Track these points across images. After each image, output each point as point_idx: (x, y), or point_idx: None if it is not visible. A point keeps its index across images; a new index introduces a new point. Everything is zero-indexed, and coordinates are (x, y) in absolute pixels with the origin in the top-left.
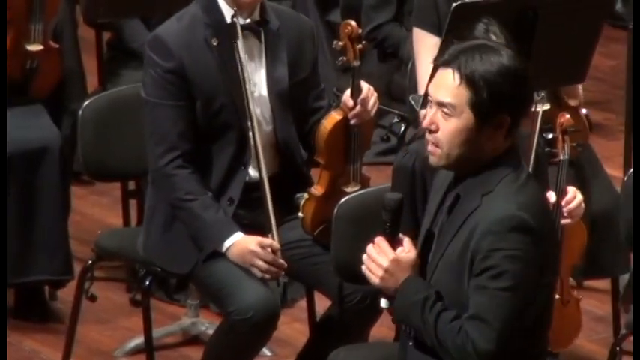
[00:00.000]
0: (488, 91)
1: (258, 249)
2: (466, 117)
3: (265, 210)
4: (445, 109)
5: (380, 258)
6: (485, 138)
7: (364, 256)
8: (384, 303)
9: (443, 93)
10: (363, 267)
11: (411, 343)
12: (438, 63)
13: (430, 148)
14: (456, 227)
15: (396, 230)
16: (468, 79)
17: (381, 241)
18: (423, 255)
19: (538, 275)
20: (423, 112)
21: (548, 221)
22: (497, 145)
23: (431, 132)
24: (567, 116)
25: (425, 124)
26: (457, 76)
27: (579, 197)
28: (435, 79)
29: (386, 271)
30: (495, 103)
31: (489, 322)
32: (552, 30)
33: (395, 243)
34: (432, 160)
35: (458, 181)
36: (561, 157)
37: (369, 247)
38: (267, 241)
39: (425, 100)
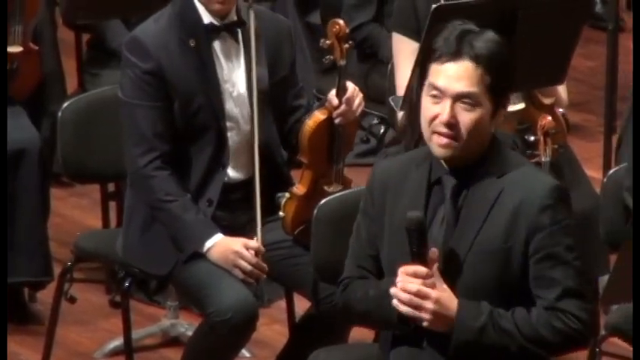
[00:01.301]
0: (502, 69)
1: (243, 250)
2: (486, 104)
3: (254, 212)
4: (465, 100)
5: (424, 296)
6: (496, 120)
7: (401, 293)
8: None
9: (463, 84)
10: (404, 308)
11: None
12: (442, 55)
13: (444, 141)
14: (483, 215)
15: (424, 250)
16: (489, 64)
17: (413, 273)
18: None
19: None
20: (400, 114)
21: None
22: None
23: (449, 126)
24: (549, 118)
25: (446, 119)
26: (475, 64)
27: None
28: (446, 73)
29: (433, 314)
30: (507, 81)
31: (582, 292)
32: (532, 31)
33: (426, 264)
34: (445, 152)
35: (446, 170)
36: (543, 159)
37: (406, 284)
38: (253, 243)
39: (404, 102)
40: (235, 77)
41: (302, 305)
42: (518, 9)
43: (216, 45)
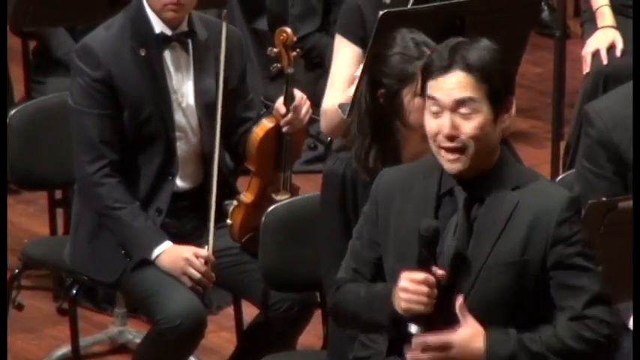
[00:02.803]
0: (499, 76)
1: (192, 258)
2: (485, 110)
3: (207, 221)
4: (464, 109)
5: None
6: (499, 126)
7: (421, 356)
8: (414, 329)
9: (459, 92)
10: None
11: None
12: (435, 70)
13: (452, 156)
14: (499, 228)
15: (431, 259)
16: (482, 72)
17: (424, 280)
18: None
19: None
20: (337, 118)
21: None
22: (500, 132)
23: (452, 138)
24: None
25: (448, 132)
26: (467, 73)
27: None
28: (441, 86)
29: (458, 356)
30: (505, 86)
31: (609, 298)
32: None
33: (429, 271)
34: (456, 167)
35: (456, 181)
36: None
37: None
38: (203, 252)
39: (352, 109)
40: (184, 88)
41: (250, 312)
42: (466, 15)
43: (167, 55)
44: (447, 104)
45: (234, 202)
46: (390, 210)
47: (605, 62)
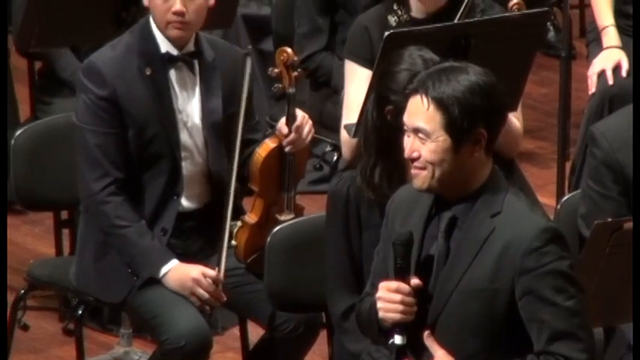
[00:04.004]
0: (460, 109)
1: (201, 278)
2: (442, 139)
3: (220, 242)
4: (420, 134)
5: None
6: (466, 155)
7: None
8: (398, 340)
9: (416, 119)
10: None
11: None
12: (407, 91)
13: (414, 171)
14: (473, 253)
15: (408, 269)
16: (437, 102)
17: (395, 289)
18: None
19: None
20: (353, 140)
21: None
22: (481, 160)
23: (414, 160)
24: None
25: (407, 154)
26: (426, 100)
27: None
28: (408, 108)
29: None
30: (469, 120)
31: (575, 334)
32: (485, 58)
33: (405, 280)
34: (416, 183)
35: (446, 204)
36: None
37: None
38: (211, 272)
39: (358, 127)
40: (190, 108)
41: (256, 332)
42: (471, 36)
43: (172, 75)
44: (409, 127)
45: (239, 224)
46: (394, 224)
47: (610, 83)
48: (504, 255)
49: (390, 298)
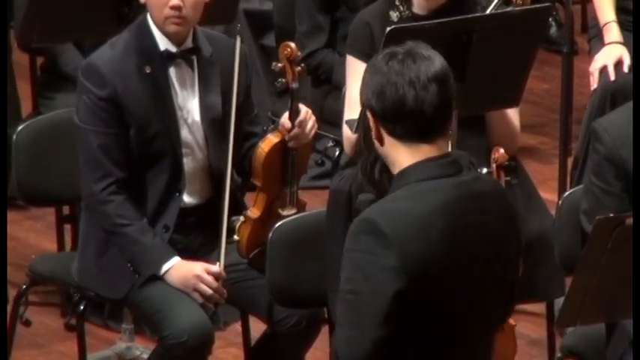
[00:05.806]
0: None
1: (204, 274)
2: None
3: (219, 238)
4: None
5: None
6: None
7: None
8: None
9: None
10: None
11: None
12: None
13: None
14: None
15: None
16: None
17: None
18: None
19: (388, 281)
20: (354, 136)
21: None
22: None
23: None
24: (502, 151)
25: None
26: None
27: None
28: None
29: None
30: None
31: (340, 324)
32: (487, 54)
33: None
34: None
35: None
36: None
37: None
38: (214, 268)
39: (359, 124)
40: (190, 104)
41: (257, 328)
42: (473, 32)
43: (172, 72)
44: None
45: (241, 219)
46: None
47: (612, 78)
48: None
49: None
